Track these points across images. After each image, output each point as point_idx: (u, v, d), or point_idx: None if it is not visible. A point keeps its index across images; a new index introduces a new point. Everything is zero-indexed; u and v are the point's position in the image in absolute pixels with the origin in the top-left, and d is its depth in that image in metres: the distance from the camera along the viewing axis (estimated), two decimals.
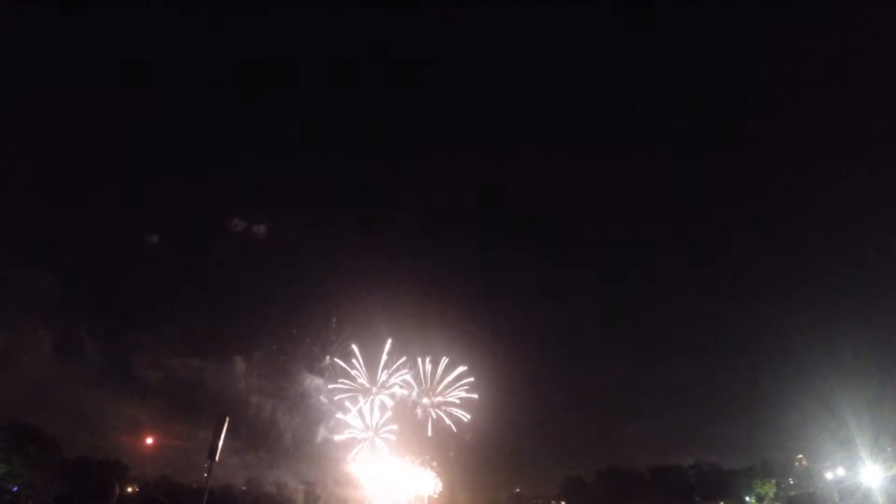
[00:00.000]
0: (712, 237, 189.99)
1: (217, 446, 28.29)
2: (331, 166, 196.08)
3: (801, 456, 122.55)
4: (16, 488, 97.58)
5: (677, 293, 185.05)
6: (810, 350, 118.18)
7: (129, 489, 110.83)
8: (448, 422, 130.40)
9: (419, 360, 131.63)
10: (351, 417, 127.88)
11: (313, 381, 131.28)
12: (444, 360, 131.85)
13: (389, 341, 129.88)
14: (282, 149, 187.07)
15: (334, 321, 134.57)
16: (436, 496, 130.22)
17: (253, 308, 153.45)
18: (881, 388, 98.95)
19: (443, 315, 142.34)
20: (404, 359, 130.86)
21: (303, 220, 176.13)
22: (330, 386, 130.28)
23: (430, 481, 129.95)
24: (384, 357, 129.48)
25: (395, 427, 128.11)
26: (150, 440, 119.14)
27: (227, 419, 29.33)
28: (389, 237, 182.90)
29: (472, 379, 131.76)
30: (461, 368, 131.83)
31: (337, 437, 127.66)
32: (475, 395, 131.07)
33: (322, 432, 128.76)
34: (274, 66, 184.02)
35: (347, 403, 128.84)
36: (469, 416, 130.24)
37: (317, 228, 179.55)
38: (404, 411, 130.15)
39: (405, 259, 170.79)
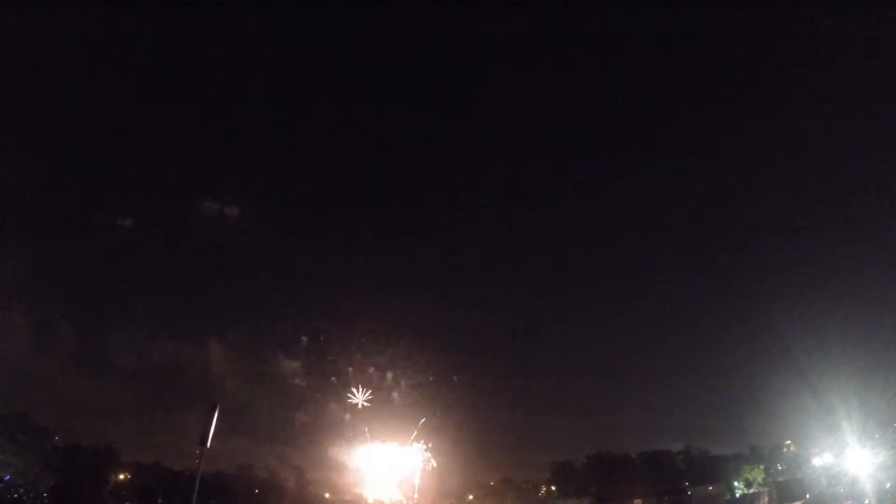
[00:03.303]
0: (704, 229, 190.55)
1: (208, 433, 28.39)
2: (315, 156, 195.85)
3: (789, 442, 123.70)
4: (8, 477, 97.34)
5: (668, 283, 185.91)
6: (799, 337, 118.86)
7: (122, 476, 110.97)
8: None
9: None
10: (332, 401, 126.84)
11: (290, 364, 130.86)
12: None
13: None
14: (256, 134, 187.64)
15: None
16: (426, 482, 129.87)
17: (227, 291, 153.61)
18: (869, 375, 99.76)
19: (427, 302, 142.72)
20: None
21: (274, 203, 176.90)
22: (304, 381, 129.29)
23: (420, 459, 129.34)
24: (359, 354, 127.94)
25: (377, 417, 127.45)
26: (138, 426, 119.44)
27: (218, 406, 29.43)
28: (363, 227, 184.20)
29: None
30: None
31: (318, 420, 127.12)
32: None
33: (301, 416, 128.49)
34: (256, 54, 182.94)
35: (321, 393, 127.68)
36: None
37: (289, 212, 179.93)
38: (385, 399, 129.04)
39: (381, 252, 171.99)
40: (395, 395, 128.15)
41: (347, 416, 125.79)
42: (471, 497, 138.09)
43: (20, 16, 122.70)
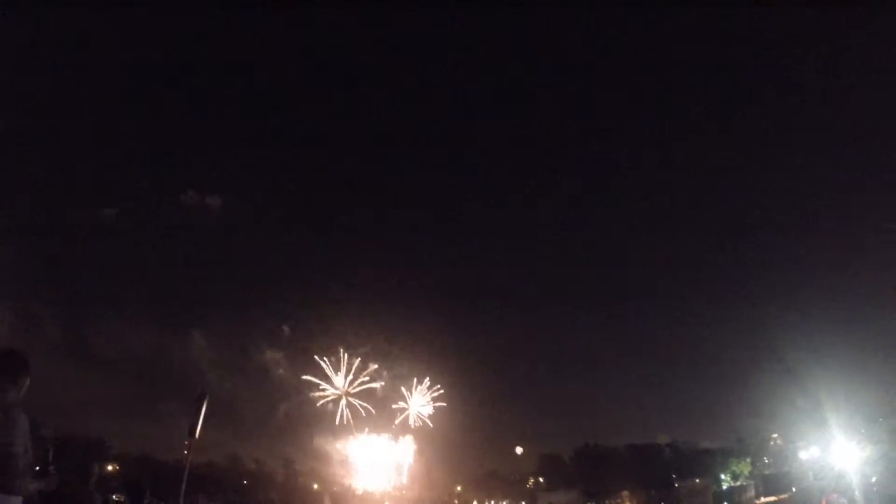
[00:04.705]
0: (691, 224, 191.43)
1: (197, 424, 28.14)
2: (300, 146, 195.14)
3: (776, 436, 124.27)
4: None
5: (656, 277, 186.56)
6: (786, 331, 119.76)
7: (110, 468, 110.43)
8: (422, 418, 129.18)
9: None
10: (316, 392, 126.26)
11: (273, 355, 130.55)
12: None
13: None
14: (238, 123, 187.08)
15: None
16: (414, 474, 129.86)
17: (209, 281, 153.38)
18: (855, 369, 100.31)
19: (410, 294, 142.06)
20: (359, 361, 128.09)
21: (256, 194, 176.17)
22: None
23: (408, 450, 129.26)
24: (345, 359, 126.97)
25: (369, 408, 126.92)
26: (125, 417, 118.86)
27: (207, 397, 29.20)
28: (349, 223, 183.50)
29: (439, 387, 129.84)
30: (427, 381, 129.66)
31: (303, 411, 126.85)
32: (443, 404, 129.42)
33: (286, 406, 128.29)
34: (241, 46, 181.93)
35: (306, 384, 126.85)
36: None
37: (272, 203, 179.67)
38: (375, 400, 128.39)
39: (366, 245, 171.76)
40: (379, 385, 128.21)
41: (331, 406, 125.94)
42: (458, 489, 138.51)
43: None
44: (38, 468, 8.60)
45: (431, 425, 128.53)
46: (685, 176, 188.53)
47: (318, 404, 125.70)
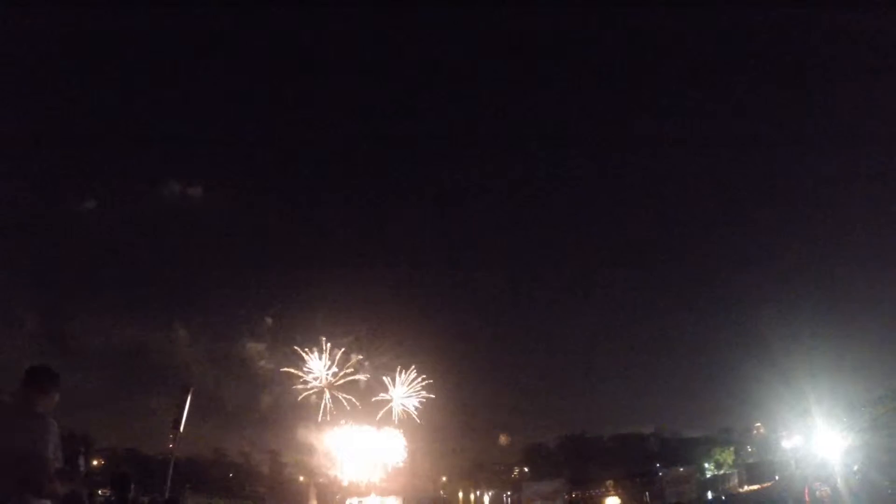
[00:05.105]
0: (675, 215, 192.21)
1: (182, 417, 28.16)
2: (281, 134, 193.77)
3: (759, 425, 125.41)
4: None
5: (640, 267, 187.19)
6: (770, 321, 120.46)
7: (95, 462, 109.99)
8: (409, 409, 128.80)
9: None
10: (299, 384, 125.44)
11: (255, 347, 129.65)
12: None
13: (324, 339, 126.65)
14: (221, 114, 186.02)
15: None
16: (400, 465, 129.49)
17: (191, 274, 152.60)
18: (837, 359, 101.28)
19: (394, 290, 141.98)
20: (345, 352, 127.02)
21: (238, 184, 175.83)
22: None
23: (397, 445, 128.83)
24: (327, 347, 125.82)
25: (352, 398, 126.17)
26: (109, 411, 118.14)
27: (192, 390, 29.18)
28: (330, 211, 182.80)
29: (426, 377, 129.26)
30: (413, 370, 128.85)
31: (286, 403, 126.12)
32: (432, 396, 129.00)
33: (269, 399, 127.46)
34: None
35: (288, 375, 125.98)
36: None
37: (254, 193, 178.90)
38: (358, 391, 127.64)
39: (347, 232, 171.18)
40: (364, 377, 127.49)
41: (314, 398, 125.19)
42: (444, 479, 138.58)
43: None
44: (68, 470, 9.11)
45: (417, 418, 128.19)
46: (678, 175, 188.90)
47: (299, 397, 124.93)
